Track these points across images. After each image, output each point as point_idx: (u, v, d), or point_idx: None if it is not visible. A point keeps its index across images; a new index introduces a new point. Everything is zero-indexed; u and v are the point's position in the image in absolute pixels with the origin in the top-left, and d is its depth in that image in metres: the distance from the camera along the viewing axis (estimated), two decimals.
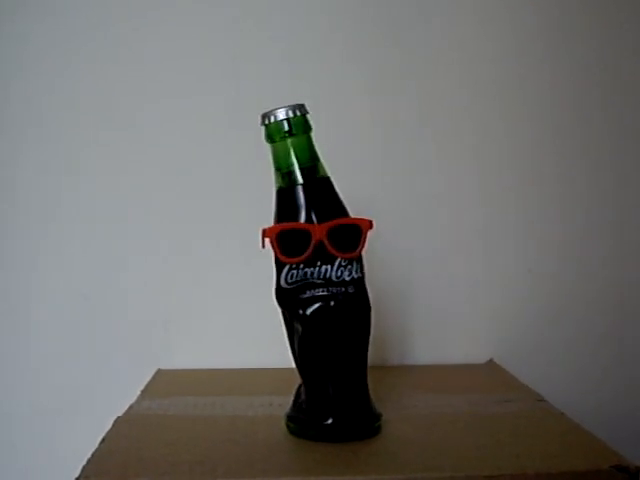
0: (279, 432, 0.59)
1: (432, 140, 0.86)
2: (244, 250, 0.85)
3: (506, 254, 0.89)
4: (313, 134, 0.58)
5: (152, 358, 0.83)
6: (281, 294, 0.57)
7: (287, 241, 0.56)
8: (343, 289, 0.56)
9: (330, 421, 0.56)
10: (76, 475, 0.49)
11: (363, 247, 0.56)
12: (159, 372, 0.81)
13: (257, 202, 0.84)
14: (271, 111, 0.57)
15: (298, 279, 0.56)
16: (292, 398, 0.60)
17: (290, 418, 0.59)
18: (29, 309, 0.85)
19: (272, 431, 0.59)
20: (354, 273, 0.56)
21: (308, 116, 0.57)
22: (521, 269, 0.89)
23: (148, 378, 0.78)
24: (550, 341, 0.89)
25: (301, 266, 0.55)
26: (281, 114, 0.56)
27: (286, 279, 0.56)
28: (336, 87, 0.85)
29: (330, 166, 0.58)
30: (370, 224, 0.56)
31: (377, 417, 0.59)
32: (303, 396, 0.58)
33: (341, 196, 0.58)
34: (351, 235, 0.56)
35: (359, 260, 0.57)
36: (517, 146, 0.88)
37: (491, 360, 0.87)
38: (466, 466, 0.52)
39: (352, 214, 0.58)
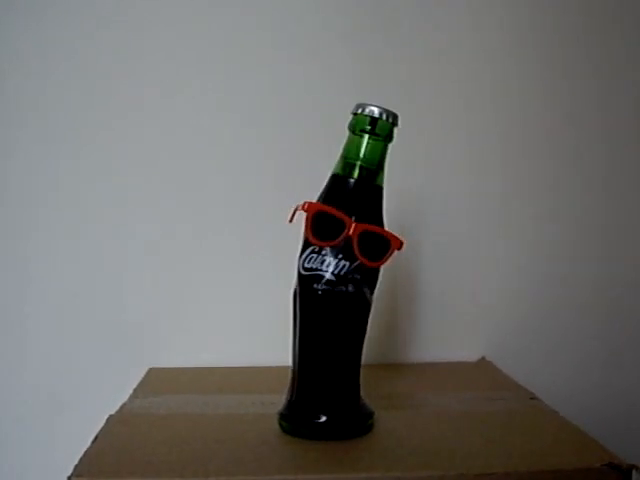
0: (271, 430, 0.59)
1: (426, 139, 0.86)
2: (237, 249, 0.85)
3: (496, 252, 0.89)
4: (391, 146, 0.58)
5: (144, 357, 0.83)
6: (299, 280, 0.57)
7: (320, 224, 0.56)
8: (344, 288, 0.56)
9: (322, 419, 0.56)
10: (68, 474, 0.49)
11: (384, 262, 0.57)
12: (151, 371, 0.81)
13: (254, 200, 0.85)
14: (367, 104, 0.57)
15: (314, 267, 0.55)
16: (284, 396, 0.60)
17: (282, 416, 0.59)
18: (21, 308, 0.84)
19: (264, 429, 0.59)
20: (364, 278, 0.56)
21: (396, 129, 0.58)
22: (511, 267, 0.89)
23: (140, 377, 0.78)
24: (542, 339, 0.90)
25: (323, 252, 0.55)
26: (373, 112, 0.56)
27: (304, 263, 0.56)
28: (336, 86, 0.85)
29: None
30: (400, 244, 0.56)
31: (369, 415, 0.59)
32: (296, 394, 0.58)
33: (384, 209, 0.58)
34: (379, 246, 0.56)
35: (376, 271, 0.57)
36: (510, 145, 0.89)
37: (483, 358, 0.87)
38: (458, 464, 0.52)
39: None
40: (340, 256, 0.55)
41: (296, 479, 0.50)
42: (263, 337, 0.82)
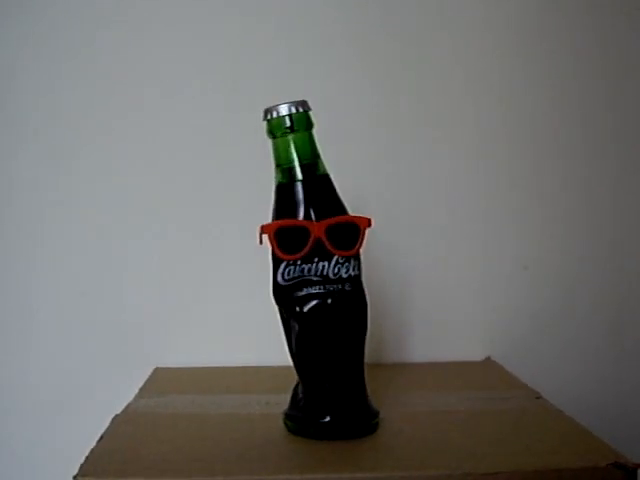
0: (277, 430, 0.59)
1: (430, 139, 0.86)
2: (241, 248, 0.85)
3: (502, 251, 0.89)
4: (315, 131, 0.58)
5: (150, 356, 0.83)
6: (278, 291, 0.57)
7: (285, 237, 0.55)
8: (340, 286, 0.55)
9: (328, 419, 0.56)
10: (74, 473, 0.49)
11: (361, 245, 0.56)
12: (157, 370, 0.81)
13: (254, 200, 0.84)
14: (273, 106, 0.57)
15: (295, 276, 0.55)
16: (290, 396, 0.60)
17: (288, 416, 0.59)
18: (27, 307, 0.85)
19: (270, 429, 0.59)
20: (351, 271, 0.56)
21: (310, 113, 0.57)
22: (517, 266, 0.89)
23: (146, 376, 0.78)
24: (547, 338, 0.89)
25: (298, 262, 0.55)
26: (283, 110, 0.56)
27: (283, 276, 0.56)
28: (335, 85, 0.85)
29: (329, 164, 0.58)
30: (368, 222, 0.56)
31: (375, 414, 0.59)
32: (301, 394, 0.58)
33: (340, 194, 0.58)
34: (349, 233, 0.56)
35: (356, 258, 0.57)
36: (514, 144, 0.88)
37: (488, 358, 0.87)
38: (464, 463, 0.52)
39: (350, 212, 0.58)
40: (316, 259, 0.55)
41: (302, 479, 0.50)
42: (269, 336, 0.81)
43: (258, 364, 0.82)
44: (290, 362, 0.59)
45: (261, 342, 0.83)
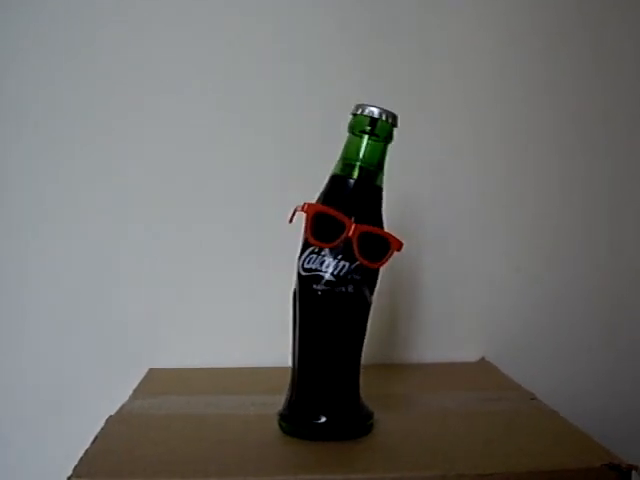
0: (271, 431, 0.58)
1: (423, 139, 0.86)
2: (237, 249, 0.85)
3: (497, 253, 0.89)
4: (391, 146, 0.58)
5: (144, 357, 0.83)
6: (297, 278, 0.57)
7: (319, 225, 0.56)
8: (344, 289, 0.55)
9: (322, 420, 0.56)
10: (68, 474, 0.49)
11: (384, 263, 0.57)
12: (151, 371, 0.81)
13: (253, 202, 0.85)
14: (366, 105, 0.57)
15: (313, 267, 0.55)
16: (284, 397, 0.60)
17: (282, 417, 0.59)
18: (20, 308, 0.84)
19: (264, 430, 0.59)
20: (355, 275, 0.56)
21: (395, 130, 0.58)
22: (510, 268, 0.89)
23: (140, 377, 0.78)
24: (541, 339, 0.90)
25: (323, 253, 0.55)
26: (373, 112, 0.56)
27: (304, 264, 0.56)
28: (337, 86, 0.85)
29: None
30: (400, 245, 0.56)
31: (369, 416, 0.59)
32: (295, 395, 0.58)
33: (384, 210, 0.58)
34: (379, 247, 0.56)
35: (376, 272, 0.57)
36: (508, 145, 0.89)
37: (483, 358, 0.87)
38: (458, 464, 0.52)
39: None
40: (340, 257, 0.55)
41: (296, 479, 0.50)
42: (263, 338, 0.82)
43: (253, 365, 0.82)
44: (285, 363, 0.59)
45: (256, 343, 0.83)
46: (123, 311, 0.85)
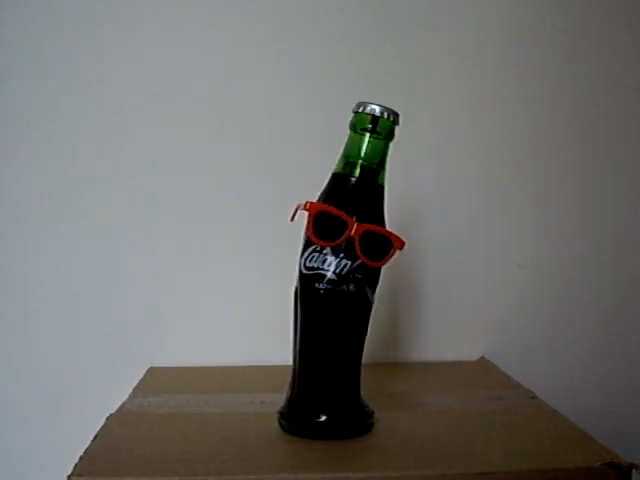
0: (271, 429, 0.59)
1: (425, 136, 0.86)
2: (237, 247, 0.85)
3: (496, 252, 0.89)
4: (392, 145, 0.58)
5: (144, 356, 0.83)
6: (299, 277, 0.57)
7: (321, 223, 0.56)
8: (345, 287, 0.55)
9: (323, 418, 0.56)
10: (68, 473, 0.49)
11: (386, 262, 0.57)
12: (151, 370, 0.81)
13: (253, 201, 0.85)
14: (368, 103, 0.57)
15: (315, 266, 0.55)
16: (285, 395, 0.60)
17: (283, 415, 0.59)
18: (21, 307, 0.84)
19: (264, 428, 0.59)
20: (357, 274, 0.56)
21: (397, 128, 0.58)
22: (511, 265, 0.89)
23: (140, 376, 0.78)
24: (542, 338, 0.90)
25: (324, 252, 0.55)
26: (374, 110, 0.56)
27: (305, 262, 0.56)
28: (337, 84, 0.85)
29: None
30: (402, 244, 0.56)
31: (369, 414, 0.59)
32: (296, 393, 0.58)
33: (386, 208, 0.58)
34: (381, 246, 0.56)
35: (378, 271, 0.57)
36: (510, 142, 0.88)
37: (482, 357, 0.87)
38: (458, 463, 0.52)
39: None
40: (342, 255, 0.55)
41: (296, 478, 0.50)
42: (263, 336, 0.82)
43: (253, 364, 0.82)
44: (285, 362, 0.59)
45: (256, 342, 0.83)
46: (123, 310, 0.85)
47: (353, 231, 0.55)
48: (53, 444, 0.83)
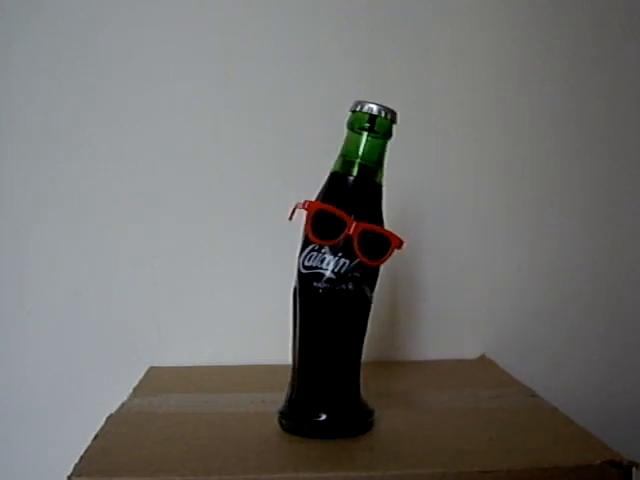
0: (272, 429, 0.58)
1: (424, 135, 0.86)
2: (236, 247, 0.85)
3: (497, 251, 0.89)
4: (390, 143, 0.58)
5: (144, 355, 0.83)
6: (298, 276, 0.57)
7: (320, 222, 0.56)
8: (344, 286, 0.55)
9: (323, 417, 0.56)
10: (68, 473, 0.49)
11: (384, 261, 0.57)
12: (151, 369, 0.81)
13: (253, 201, 0.85)
14: (365, 102, 0.57)
15: (314, 265, 0.55)
16: (285, 394, 0.60)
17: (283, 415, 0.59)
18: (21, 308, 0.84)
19: (265, 428, 0.59)
20: (355, 272, 0.56)
21: (394, 126, 0.58)
22: (512, 265, 0.89)
23: (140, 376, 0.78)
24: (542, 337, 0.90)
25: (323, 251, 0.55)
26: (372, 109, 0.56)
27: (304, 261, 0.56)
28: (336, 84, 0.85)
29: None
30: (400, 243, 0.56)
31: (369, 413, 0.59)
32: (295, 392, 0.58)
33: (384, 207, 0.58)
34: (379, 245, 0.56)
35: (376, 270, 0.57)
36: (511, 145, 0.88)
37: (483, 356, 0.87)
38: (459, 461, 0.52)
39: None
40: (340, 254, 0.55)
41: (296, 477, 0.50)
42: (263, 335, 0.82)
43: (253, 363, 0.82)
44: (285, 361, 0.59)
45: (256, 341, 0.83)
46: (122, 310, 0.85)
47: (351, 230, 0.55)
48: (53, 444, 0.83)
